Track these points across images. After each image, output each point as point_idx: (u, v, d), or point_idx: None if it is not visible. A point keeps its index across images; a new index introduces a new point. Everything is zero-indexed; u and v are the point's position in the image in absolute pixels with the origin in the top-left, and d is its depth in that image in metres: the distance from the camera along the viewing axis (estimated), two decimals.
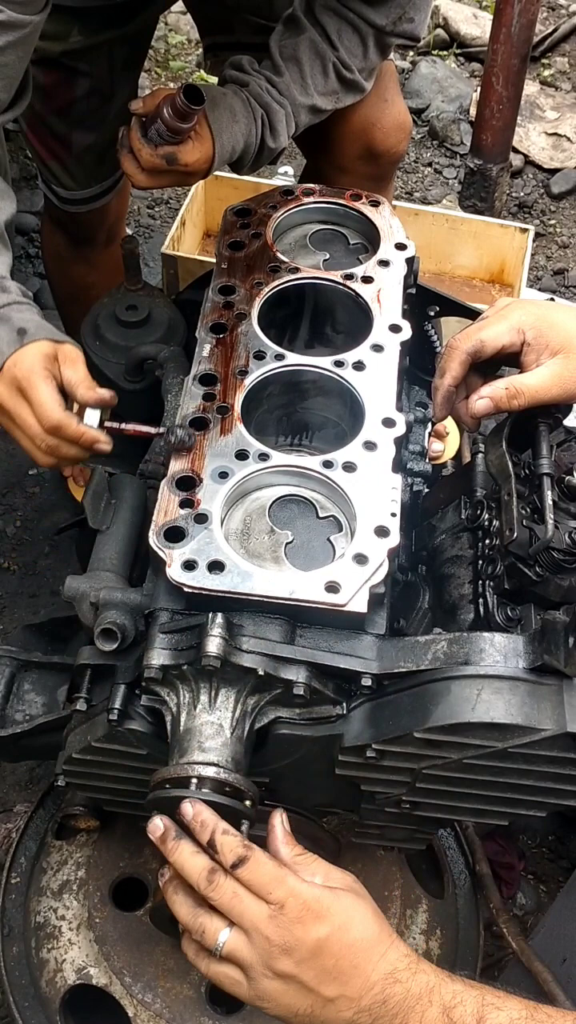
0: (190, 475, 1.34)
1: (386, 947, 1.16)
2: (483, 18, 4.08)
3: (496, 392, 1.39)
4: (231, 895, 1.15)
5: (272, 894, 1.14)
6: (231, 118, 1.74)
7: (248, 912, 1.14)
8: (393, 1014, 1.13)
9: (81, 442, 1.40)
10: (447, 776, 1.29)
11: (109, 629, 1.28)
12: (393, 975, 1.14)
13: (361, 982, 1.13)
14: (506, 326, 1.43)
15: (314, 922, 1.13)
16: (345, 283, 1.57)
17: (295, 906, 1.13)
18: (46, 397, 1.38)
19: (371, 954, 1.14)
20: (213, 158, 1.74)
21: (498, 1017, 1.12)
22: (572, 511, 1.32)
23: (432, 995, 1.13)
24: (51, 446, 1.41)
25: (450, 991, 1.14)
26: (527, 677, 1.20)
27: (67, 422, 1.39)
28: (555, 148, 3.72)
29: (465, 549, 1.42)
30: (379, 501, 1.32)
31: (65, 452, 1.42)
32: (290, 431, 1.56)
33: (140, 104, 1.71)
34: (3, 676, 1.52)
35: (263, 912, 1.14)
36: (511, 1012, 1.12)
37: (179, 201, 3.43)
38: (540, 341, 1.41)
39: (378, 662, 1.26)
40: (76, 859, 1.77)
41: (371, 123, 2.09)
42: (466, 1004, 1.13)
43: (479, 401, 1.41)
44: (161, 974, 1.65)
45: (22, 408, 1.40)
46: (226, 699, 1.27)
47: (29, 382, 1.38)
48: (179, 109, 1.62)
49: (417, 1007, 1.13)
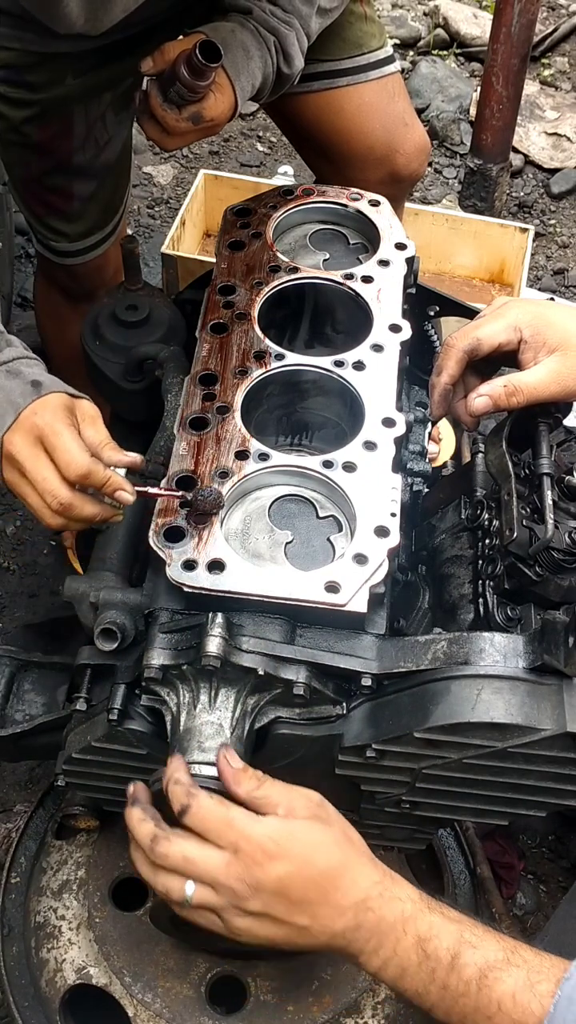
0: (190, 475, 1.34)
1: (355, 873, 1.14)
2: (483, 18, 4.08)
3: (495, 390, 1.39)
4: (180, 859, 1.14)
5: (222, 838, 1.13)
6: (245, 56, 1.71)
7: (202, 869, 1.13)
8: (366, 939, 1.12)
9: (107, 487, 1.28)
10: (447, 776, 1.29)
11: (109, 629, 1.28)
12: (365, 903, 1.13)
13: (331, 910, 1.13)
14: (503, 324, 1.43)
15: (273, 861, 1.12)
16: (345, 283, 1.57)
17: (249, 848, 1.12)
18: (71, 444, 1.27)
19: (340, 882, 1.13)
20: (236, 104, 1.72)
21: (474, 956, 1.10)
22: (572, 511, 1.32)
23: (407, 925, 1.12)
24: (64, 504, 1.28)
25: (427, 923, 1.13)
26: (527, 677, 1.20)
27: (95, 468, 1.27)
28: (555, 148, 3.72)
29: (465, 549, 1.42)
30: (379, 501, 1.32)
31: (78, 511, 1.29)
32: (290, 431, 1.56)
33: (151, 63, 1.67)
34: (3, 676, 1.52)
35: (219, 862, 1.12)
36: (487, 952, 1.11)
37: (179, 201, 3.43)
38: (537, 339, 1.41)
39: (378, 662, 1.26)
40: (76, 859, 1.77)
41: (394, 149, 2.07)
42: (442, 938, 1.11)
43: (477, 399, 1.41)
44: (161, 974, 1.65)
45: (40, 461, 1.28)
46: (226, 699, 1.27)
47: (52, 428, 1.27)
48: (197, 67, 1.59)
49: (391, 935, 1.12)
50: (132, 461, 1.33)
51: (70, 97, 1.86)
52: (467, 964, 1.10)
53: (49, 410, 1.29)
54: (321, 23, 1.85)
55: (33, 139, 1.87)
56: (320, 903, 1.12)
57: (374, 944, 1.12)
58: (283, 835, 1.13)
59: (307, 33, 1.81)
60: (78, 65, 1.82)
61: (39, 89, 1.81)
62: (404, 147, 2.09)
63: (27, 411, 1.29)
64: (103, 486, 1.28)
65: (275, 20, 1.76)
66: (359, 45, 2.01)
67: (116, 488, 1.29)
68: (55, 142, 1.91)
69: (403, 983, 1.12)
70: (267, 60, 1.76)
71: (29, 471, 1.29)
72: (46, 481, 1.28)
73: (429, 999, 1.11)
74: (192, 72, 1.60)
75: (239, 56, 1.71)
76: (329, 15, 1.87)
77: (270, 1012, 1.63)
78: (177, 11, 1.83)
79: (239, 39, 1.72)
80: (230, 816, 1.14)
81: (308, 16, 1.80)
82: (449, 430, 2.42)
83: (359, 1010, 1.65)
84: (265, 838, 1.13)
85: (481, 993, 1.09)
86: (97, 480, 1.28)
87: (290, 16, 1.78)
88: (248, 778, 1.18)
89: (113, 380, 1.62)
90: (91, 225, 2.07)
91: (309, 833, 1.15)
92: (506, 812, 1.35)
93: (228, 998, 1.66)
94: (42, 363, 1.40)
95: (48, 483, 1.28)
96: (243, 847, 1.12)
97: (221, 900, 1.13)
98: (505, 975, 1.09)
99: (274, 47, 1.76)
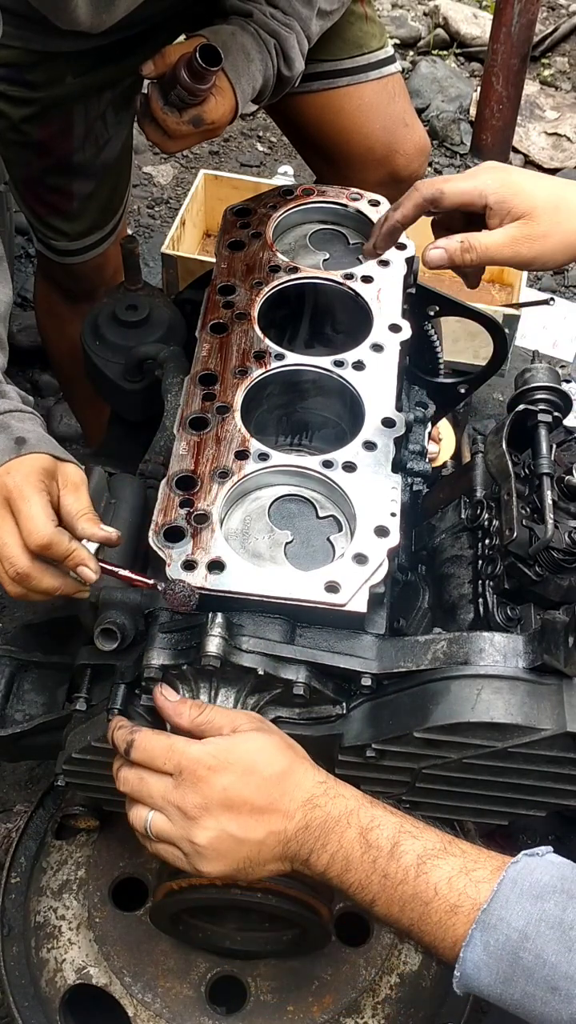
0: (190, 475, 1.34)
1: (299, 776, 1.17)
2: (483, 18, 4.08)
3: (450, 244, 1.39)
4: (136, 780, 1.20)
5: (166, 764, 1.18)
6: (245, 59, 1.72)
7: (152, 790, 1.18)
8: (315, 837, 1.15)
9: (68, 561, 1.22)
10: (447, 776, 1.29)
11: (109, 629, 1.28)
12: (311, 801, 1.16)
13: (281, 815, 1.15)
14: (470, 184, 1.42)
15: (215, 774, 1.16)
16: (345, 283, 1.57)
17: (191, 767, 1.16)
18: (37, 511, 1.20)
19: (285, 786, 1.16)
20: (236, 107, 1.72)
21: (413, 845, 1.13)
22: (572, 511, 1.32)
23: (351, 817, 1.15)
24: (21, 573, 1.21)
25: (369, 815, 1.15)
26: (527, 677, 1.20)
27: (58, 539, 1.21)
28: (555, 148, 3.72)
29: (465, 549, 1.42)
30: (379, 501, 1.32)
31: (36, 583, 1.23)
32: (290, 431, 1.56)
33: (151, 67, 1.67)
34: (3, 676, 1.52)
35: (166, 785, 1.18)
36: (426, 842, 1.13)
37: (179, 201, 3.44)
38: (503, 206, 1.40)
39: (378, 662, 1.26)
40: (76, 859, 1.77)
41: (394, 150, 2.07)
42: (383, 828, 1.14)
43: (433, 251, 1.41)
44: (161, 974, 1.65)
45: (3, 524, 1.22)
46: (226, 699, 1.27)
47: (20, 492, 1.21)
48: (197, 71, 1.59)
49: (336, 828, 1.15)
50: (107, 536, 1.25)
51: (70, 96, 1.86)
52: (406, 852, 1.13)
53: (23, 472, 1.23)
54: (322, 25, 1.85)
55: (33, 138, 1.88)
56: (269, 811, 1.15)
57: (322, 840, 1.15)
58: (223, 749, 1.18)
59: (307, 35, 1.82)
60: (78, 64, 1.82)
61: (39, 88, 1.81)
62: (404, 147, 2.09)
63: (1, 470, 1.24)
64: (65, 559, 1.22)
65: (275, 23, 1.76)
66: (359, 45, 2.01)
67: (78, 563, 1.23)
68: (55, 141, 1.91)
69: (348, 876, 1.14)
70: (267, 63, 1.76)
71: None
72: (5, 547, 1.22)
73: (371, 889, 1.13)
74: (192, 76, 1.60)
75: (239, 59, 1.71)
76: (330, 17, 1.87)
77: (270, 1012, 1.63)
78: (177, 12, 1.83)
79: (239, 42, 1.72)
80: (170, 741, 1.20)
81: (308, 19, 1.80)
82: (449, 430, 2.42)
83: (359, 1010, 1.65)
84: (205, 754, 1.17)
85: (419, 879, 1.11)
86: (59, 553, 1.21)
87: (290, 19, 1.78)
88: (188, 707, 1.23)
89: (113, 380, 1.63)
90: (91, 224, 2.07)
91: (249, 742, 1.19)
92: (506, 812, 1.35)
93: (228, 998, 1.66)
94: (37, 416, 1.35)
95: (7, 549, 1.22)
96: (185, 765, 1.17)
97: (174, 827, 1.17)
98: (442, 862, 1.11)
99: (274, 50, 1.77)
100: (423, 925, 1.10)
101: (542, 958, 1.03)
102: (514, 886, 1.07)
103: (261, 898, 1.35)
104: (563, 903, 1.04)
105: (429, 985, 1.69)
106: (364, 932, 1.70)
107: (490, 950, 1.05)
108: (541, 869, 1.08)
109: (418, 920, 1.11)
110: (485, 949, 1.05)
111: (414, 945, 1.70)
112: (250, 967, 1.66)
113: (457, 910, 1.08)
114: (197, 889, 1.37)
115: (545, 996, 1.03)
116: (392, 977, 1.68)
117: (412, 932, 1.12)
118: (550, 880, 1.07)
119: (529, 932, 1.04)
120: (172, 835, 1.18)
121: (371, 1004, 1.66)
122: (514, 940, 1.04)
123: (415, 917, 1.11)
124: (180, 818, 1.17)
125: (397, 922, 1.13)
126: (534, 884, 1.07)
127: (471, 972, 1.06)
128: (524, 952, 1.03)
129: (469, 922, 1.07)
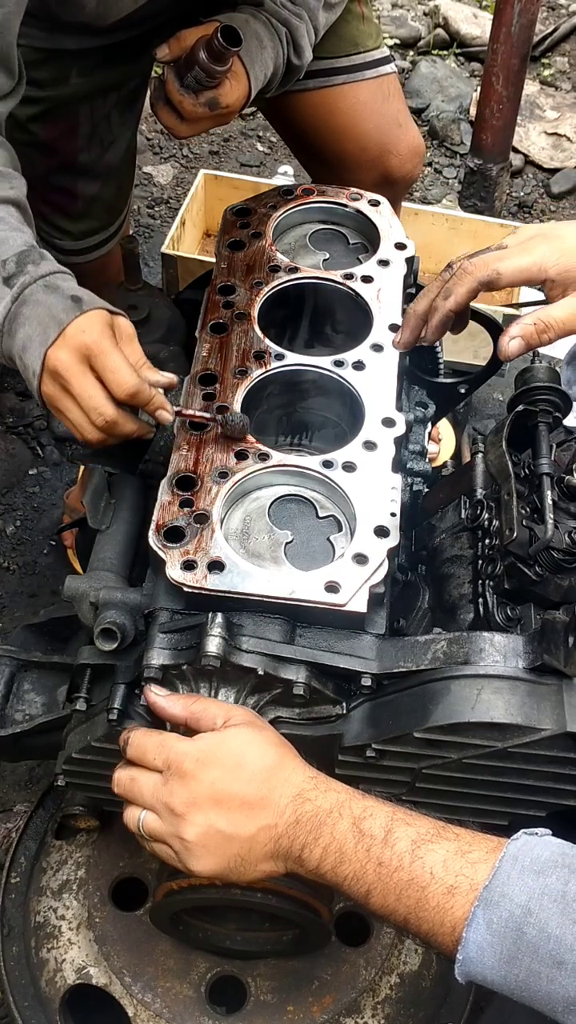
0: (190, 475, 1.34)
1: (288, 771, 1.17)
2: (483, 18, 4.08)
3: (526, 330, 1.35)
4: (127, 780, 1.22)
5: (156, 760, 1.19)
6: (259, 46, 1.73)
7: (142, 788, 1.20)
8: (307, 831, 1.14)
9: (150, 406, 1.34)
10: (447, 776, 1.29)
11: (109, 629, 1.28)
12: (301, 795, 1.16)
13: (272, 810, 1.15)
14: (528, 260, 1.37)
15: (204, 770, 1.16)
16: (345, 283, 1.57)
17: (180, 762, 1.17)
18: (121, 363, 1.31)
19: (274, 781, 1.16)
20: (250, 92, 1.73)
21: (406, 831, 1.12)
22: (572, 511, 1.32)
23: (343, 809, 1.15)
24: (110, 421, 1.32)
25: (360, 805, 1.15)
26: (527, 677, 1.20)
27: (143, 387, 1.32)
28: (555, 148, 3.71)
29: (465, 549, 1.42)
30: (379, 501, 1.32)
31: (120, 428, 1.34)
32: (290, 431, 1.56)
33: (166, 50, 1.68)
34: (3, 676, 1.52)
35: (155, 782, 1.19)
36: (419, 828, 1.13)
37: (179, 201, 3.43)
38: (567, 276, 1.35)
39: (378, 662, 1.26)
40: (76, 859, 1.77)
41: (387, 150, 2.07)
42: (376, 817, 1.14)
43: (511, 342, 1.35)
44: (161, 974, 1.65)
45: (87, 379, 1.31)
46: (226, 699, 1.27)
47: (100, 348, 1.30)
48: (217, 52, 1.59)
49: (328, 820, 1.14)
50: (169, 381, 1.38)
51: (76, 96, 1.87)
52: (400, 838, 1.12)
53: (97, 328, 1.31)
54: (327, 17, 1.87)
55: (39, 137, 1.88)
56: (260, 806, 1.15)
57: (314, 834, 1.14)
58: (212, 744, 1.18)
59: (314, 26, 1.83)
60: (83, 63, 1.83)
61: (44, 86, 1.82)
62: (398, 148, 2.09)
63: (73, 328, 1.30)
64: (147, 404, 1.34)
65: (286, 12, 1.78)
66: (355, 44, 2.02)
67: (159, 407, 1.35)
68: (60, 141, 1.93)
69: (342, 868, 1.13)
70: (279, 50, 1.78)
71: (75, 388, 1.31)
72: (92, 399, 1.31)
73: (367, 880, 1.12)
74: (212, 57, 1.61)
75: (253, 45, 1.72)
76: (334, 10, 1.89)
77: (270, 1012, 1.63)
78: (183, 9, 1.84)
79: (253, 28, 1.73)
80: (161, 737, 1.22)
81: (316, 9, 1.82)
82: (449, 430, 2.42)
83: (359, 1010, 1.65)
84: (194, 749, 1.18)
85: (414, 864, 1.10)
86: (143, 399, 1.33)
87: (299, 8, 1.80)
88: (179, 698, 1.24)
89: None
90: (95, 224, 2.09)
91: (239, 737, 1.19)
92: (506, 812, 1.35)
93: (228, 998, 1.66)
94: (73, 276, 1.40)
95: (95, 400, 1.31)
96: (173, 760, 1.18)
97: (165, 826, 1.18)
98: (436, 846, 1.11)
99: (285, 38, 1.78)
100: (421, 912, 1.09)
101: (546, 932, 1.01)
102: (515, 862, 1.06)
103: (261, 898, 1.35)
104: (565, 877, 1.04)
105: (429, 985, 1.69)
106: (364, 932, 1.70)
107: (493, 928, 1.04)
108: (541, 846, 1.08)
109: (415, 907, 1.09)
110: (488, 927, 1.04)
111: (414, 945, 1.70)
112: (250, 967, 1.66)
113: (455, 891, 1.07)
114: (197, 889, 1.37)
115: (551, 972, 1.01)
116: (392, 977, 1.68)
117: (410, 922, 1.11)
118: (551, 855, 1.06)
119: (532, 907, 1.03)
120: (163, 833, 1.18)
121: (371, 1004, 1.66)
122: (517, 916, 1.03)
123: (412, 904, 1.09)
124: (168, 815, 1.17)
125: (394, 912, 1.11)
126: (535, 860, 1.06)
127: (474, 954, 1.05)
128: (528, 927, 1.02)
129: (467, 903, 1.06)
